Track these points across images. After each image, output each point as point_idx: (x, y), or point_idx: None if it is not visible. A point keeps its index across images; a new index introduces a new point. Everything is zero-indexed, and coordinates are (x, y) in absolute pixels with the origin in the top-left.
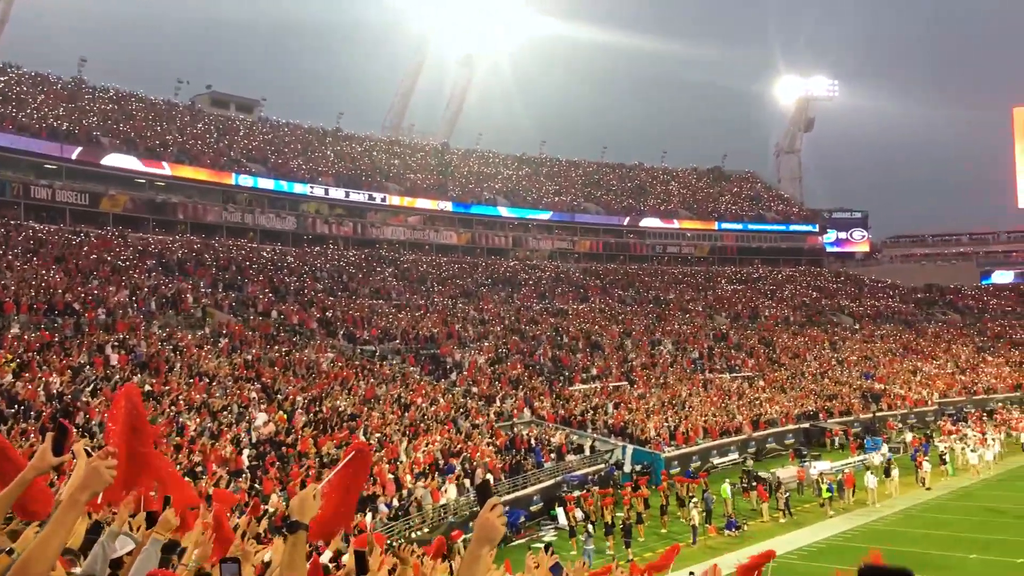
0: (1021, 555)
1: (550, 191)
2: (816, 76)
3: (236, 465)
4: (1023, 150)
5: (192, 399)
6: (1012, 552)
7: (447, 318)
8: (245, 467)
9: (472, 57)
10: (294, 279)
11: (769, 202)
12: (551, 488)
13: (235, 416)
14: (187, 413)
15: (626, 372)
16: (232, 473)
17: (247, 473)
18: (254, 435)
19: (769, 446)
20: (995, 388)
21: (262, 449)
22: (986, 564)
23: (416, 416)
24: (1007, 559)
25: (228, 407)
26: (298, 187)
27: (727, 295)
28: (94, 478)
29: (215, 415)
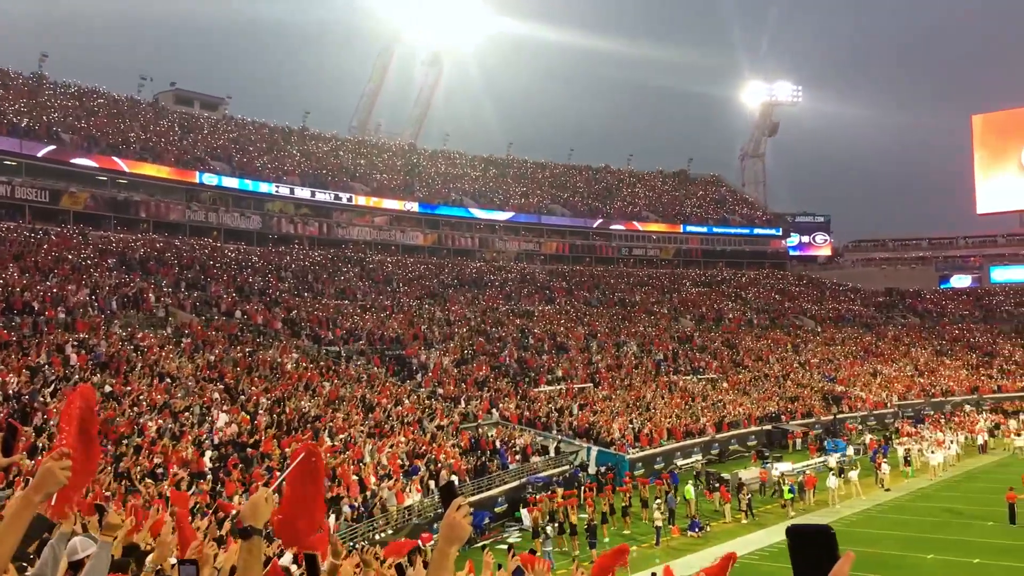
0: (977, 555)
1: (517, 192)
2: (780, 81)
3: (198, 467)
4: (981, 157)
5: (153, 400)
6: (968, 552)
7: (413, 319)
8: (207, 469)
9: (440, 57)
10: (259, 279)
11: (734, 205)
12: (516, 490)
13: (197, 417)
14: (148, 414)
15: (591, 374)
16: (193, 475)
17: (209, 475)
18: (216, 436)
19: (732, 448)
20: (952, 391)
21: (224, 451)
22: (943, 564)
23: (381, 417)
24: (963, 559)
25: (190, 408)
26: (263, 186)
27: (692, 297)
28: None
29: (176, 416)
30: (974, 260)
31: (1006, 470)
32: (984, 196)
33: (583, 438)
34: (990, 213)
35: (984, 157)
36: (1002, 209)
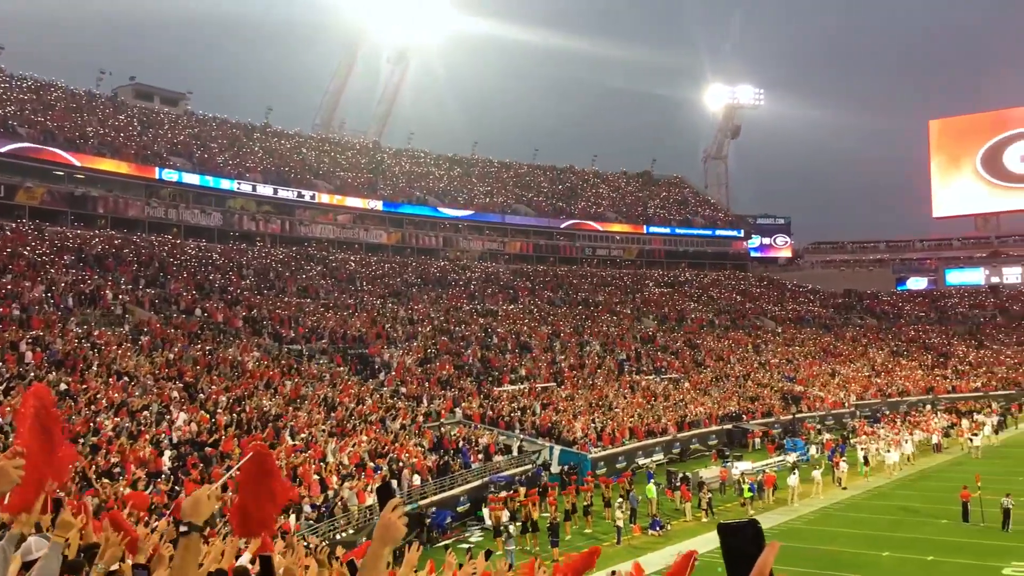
0: (931, 553)
1: (481, 192)
2: (742, 84)
3: (156, 466)
4: (938, 162)
5: (110, 398)
6: (923, 550)
7: (376, 318)
8: (166, 468)
9: (405, 55)
10: (219, 276)
11: (696, 207)
12: (478, 489)
13: (155, 416)
14: (105, 413)
15: (554, 373)
16: (151, 474)
17: (168, 474)
18: (175, 436)
19: (693, 447)
20: (908, 391)
21: (183, 450)
22: (898, 561)
23: (343, 416)
24: (918, 556)
25: (148, 407)
26: (225, 183)
27: (654, 298)
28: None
29: (134, 415)
30: (930, 263)
31: (960, 469)
32: (940, 200)
33: (546, 437)
34: (946, 217)
35: (941, 162)
36: (957, 213)
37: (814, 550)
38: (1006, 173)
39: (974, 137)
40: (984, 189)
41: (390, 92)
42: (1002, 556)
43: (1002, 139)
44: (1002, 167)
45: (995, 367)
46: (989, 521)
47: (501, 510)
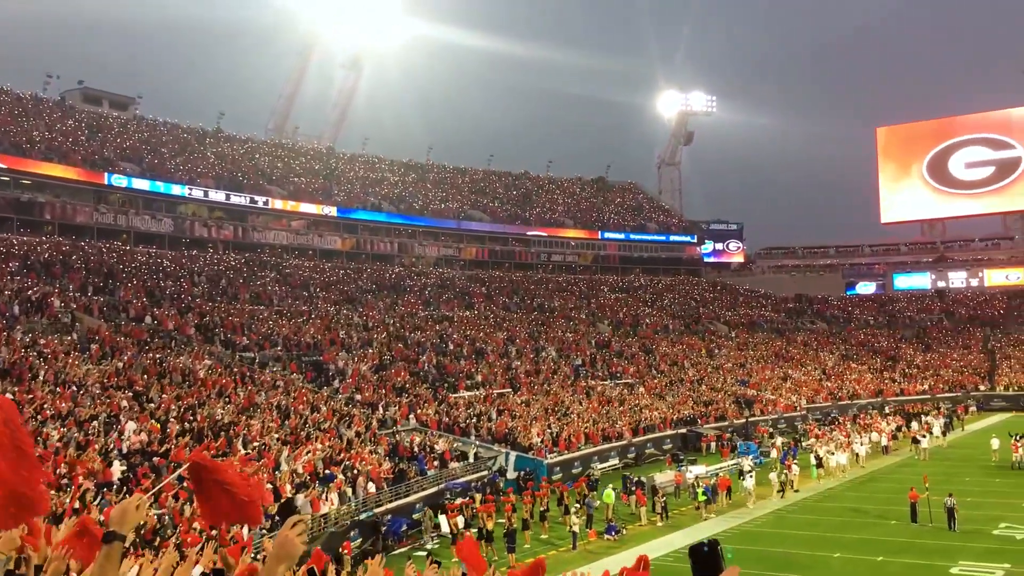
0: (880, 553)
1: (437, 198)
2: (695, 92)
3: (105, 477)
4: (886, 169)
5: (58, 408)
6: (872, 551)
7: (330, 324)
8: (115, 479)
9: (359, 60)
10: (170, 283)
11: (651, 213)
12: (434, 496)
13: (104, 426)
14: (52, 423)
15: (510, 379)
16: (100, 485)
17: (118, 485)
18: (125, 446)
19: (648, 451)
20: (858, 394)
21: (134, 460)
22: (848, 562)
23: (297, 424)
24: (868, 557)
25: (96, 417)
26: (175, 188)
27: (609, 303)
28: None
29: (82, 425)
30: (878, 268)
31: (908, 470)
32: (888, 206)
33: (502, 443)
34: (893, 223)
35: (888, 168)
36: (905, 219)
37: (767, 552)
38: (951, 180)
39: (920, 144)
40: (930, 195)
41: (344, 97)
42: (949, 556)
43: (947, 146)
44: (947, 174)
45: (941, 370)
46: (937, 521)
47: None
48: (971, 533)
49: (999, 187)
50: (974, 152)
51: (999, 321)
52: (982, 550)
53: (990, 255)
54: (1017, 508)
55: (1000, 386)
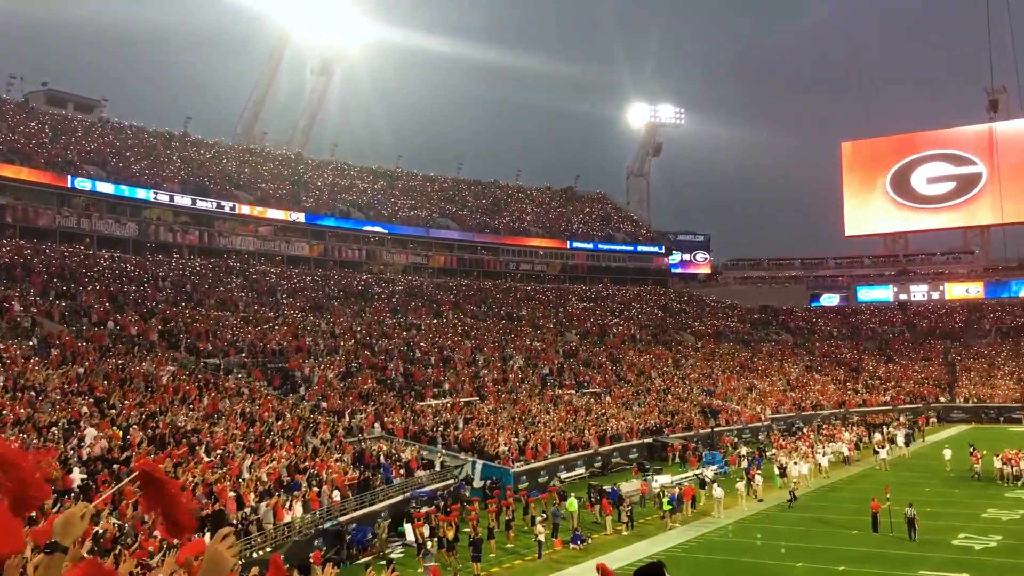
0: (842, 563)
1: (406, 205)
2: (663, 103)
3: (64, 484)
4: (849, 183)
5: (16, 414)
6: (834, 560)
7: (297, 331)
8: (75, 486)
9: (329, 67)
10: (134, 288)
11: (619, 223)
12: (400, 504)
13: (63, 432)
14: (11, 429)
15: (477, 387)
16: (59, 493)
17: (77, 493)
18: (85, 453)
19: (615, 460)
20: (822, 404)
21: (94, 467)
22: (811, 572)
23: (261, 432)
24: (829, 567)
25: (56, 423)
26: (140, 192)
27: (577, 312)
28: None
29: (41, 431)
30: (842, 280)
31: (869, 480)
32: (851, 220)
33: (468, 452)
34: (857, 236)
35: (852, 182)
36: (868, 232)
37: (731, 562)
38: (913, 194)
39: (884, 159)
40: (893, 210)
41: (314, 103)
42: (910, 565)
43: (910, 161)
44: (910, 188)
45: (903, 381)
46: (897, 531)
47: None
48: (931, 543)
49: (960, 202)
50: (936, 167)
51: (959, 334)
52: (942, 560)
53: (951, 269)
54: (976, 519)
55: (960, 398)
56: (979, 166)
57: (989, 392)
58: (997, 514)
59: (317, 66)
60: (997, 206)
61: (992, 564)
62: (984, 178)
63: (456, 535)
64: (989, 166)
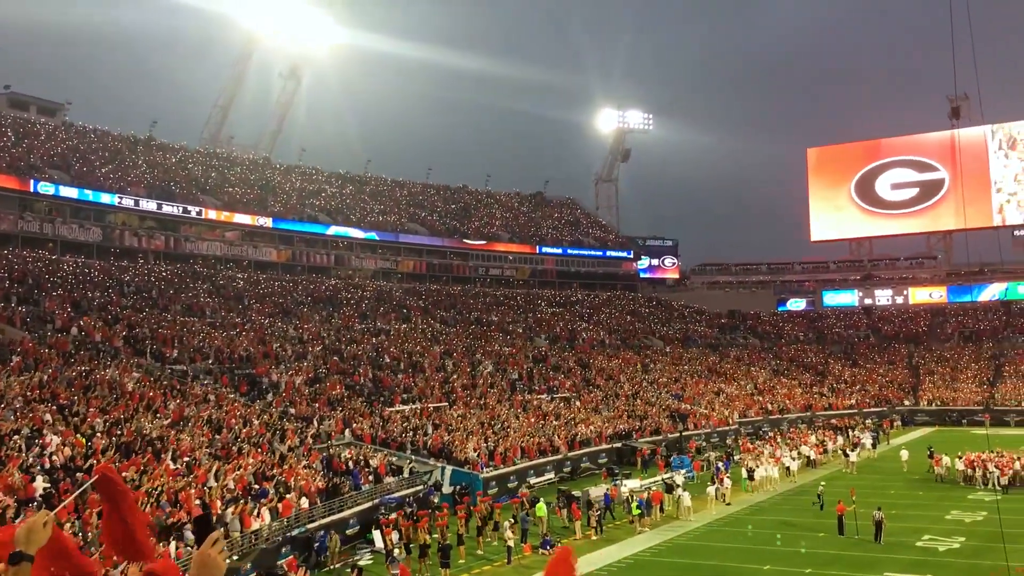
0: (809, 566)
1: (374, 210)
2: (632, 109)
3: (27, 493)
4: (815, 188)
5: None
6: (801, 563)
7: (264, 337)
8: (38, 495)
9: (297, 71)
10: (98, 294)
11: (588, 228)
12: (368, 511)
13: (26, 440)
14: None
15: (447, 393)
16: (21, 502)
17: (40, 501)
18: (48, 461)
19: (584, 465)
20: (789, 408)
21: (57, 476)
22: (778, 574)
23: (228, 439)
24: (797, 570)
25: (18, 431)
26: (105, 197)
27: (546, 318)
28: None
29: (2, 439)
30: (808, 285)
31: (836, 484)
32: (817, 225)
33: (437, 458)
34: (823, 241)
35: (818, 188)
36: (833, 238)
37: (699, 565)
38: (878, 200)
39: (849, 165)
40: (858, 215)
41: (282, 107)
42: (875, 568)
43: (874, 167)
44: (874, 194)
45: (868, 385)
46: (863, 534)
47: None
48: (896, 545)
49: (923, 208)
50: (900, 174)
51: (922, 338)
52: (907, 562)
53: (914, 274)
54: (940, 520)
55: (923, 401)
56: (941, 172)
57: (952, 395)
58: (960, 516)
59: (285, 70)
60: (959, 212)
61: (955, 565)
62: (946, 184)
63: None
64: (951, 172)
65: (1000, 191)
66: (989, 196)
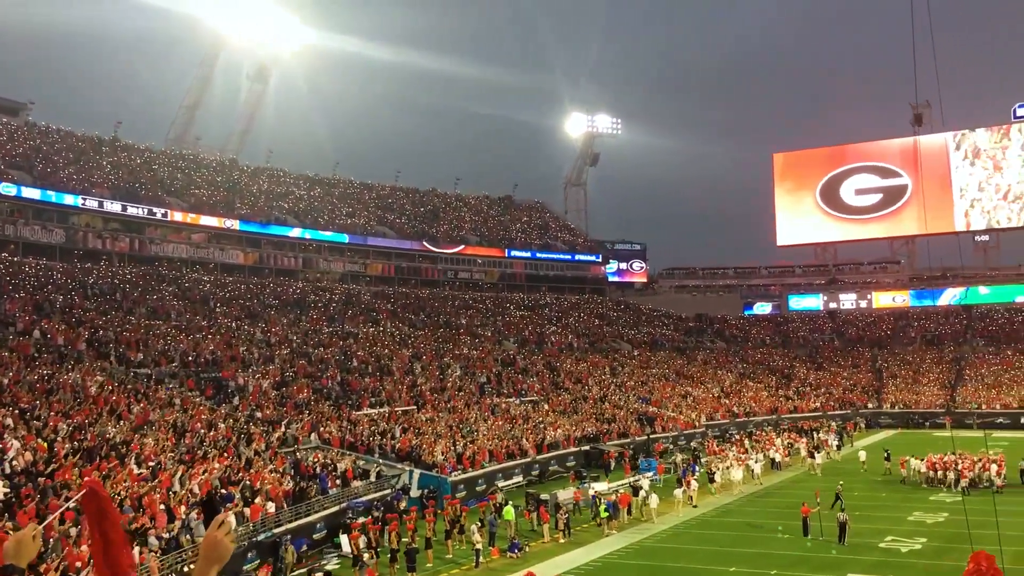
0: (774, 567)
1: (343, 213)
2: (600, 114)
3: None
4: (781, 193)
5: None
6: (766, 565)
7: (231, 340)
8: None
9: (265, 72)
10: (61, 296)
11: (557, 232)
12: (336, 515)
13: None
14: None
15: (415, 396)
16: None
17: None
18: (8, 465)
19: (552, 468)
20: (755, 411)
21: (17, 481)
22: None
23: (194, 443)
24: (762, 571)
25: None
26: (68, 198)
27: (515, 321)
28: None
29: None
30: (774, 289)
31: (800, 486)
32: (783, 229)
33: (405, 461)
34: (788, 245)
35: (784, 193)
36: (799, 242)
37: (665, 567)
38: (842, 205)
39: (814, 170)
40: (823, 220)
41: (249, 109)
42: (839, 568)
43: (839, 173)
44: (839, 199)
45: (832, 388)
46: (827, 535)
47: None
48: (859, 546)
49: (886, 213)
50: (864, 179)
51: (886, 341)
52: (870, 563)
53: (878, 278)
54: (902, 521)
55: (887, 404)
56: (904, 178)
57: (915, 398)
58: (922, 517)
59: (253, 71)
60: (921, 217)
61: (918, 566)
62: (909, 190)
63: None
64: (914, 178)
65: (963, 197)
66: (951, 202)
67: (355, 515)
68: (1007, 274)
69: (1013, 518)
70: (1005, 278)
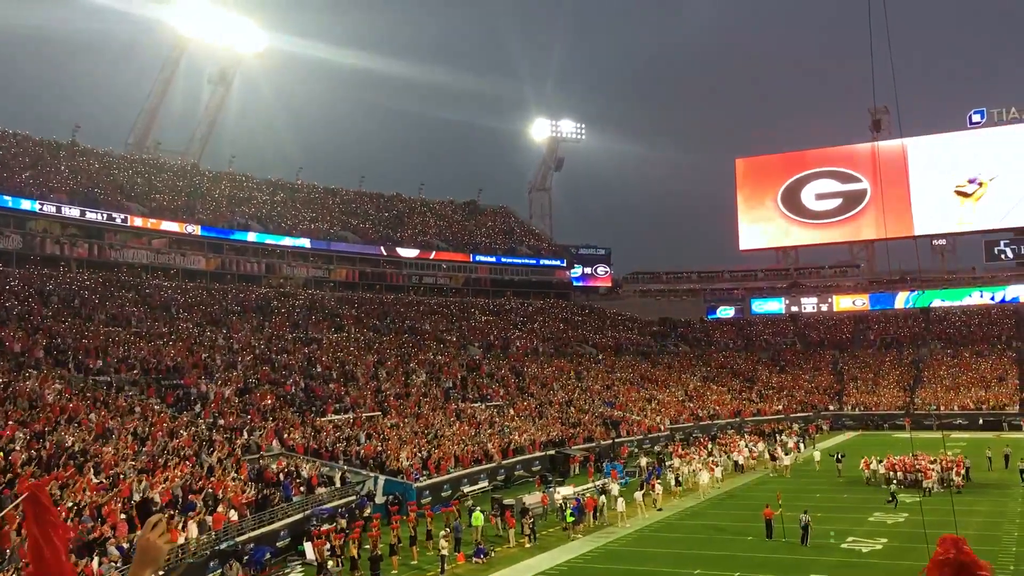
0: (738, 569)
1: (306, 218)
2: (565, 119)
3: None
4: (743, 198)
5: None
6: (731, 567)
7: (193, 347)
8: None
9: (226, 76)
10: (17, 303)
11: (522, 237)
12: (300, 523)
13: None
14: None
15: (380, 402)
16: None
17: None
18: None
19: (518, 473)
20: (719, 414)
21: None
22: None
23: (154, 451)
24: (726, 573)
25: None
26: (25, 203)
27: (480, 326)
28: None
29: None
30: (737, 293)
31: (763, 488)
32: (746, 234)
33: (370, 467)
34: (751, 249)
35: (745, 198)
36: (761, 246)
37: (631, 571)
38: (803, 210)
39: (775, 175)
40: (784, 224)
41: (211, 113)
42: (803, 570)
43: (800, 178)
44: (800, 204)
45: (795, 390)
46: (790, 537)
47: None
48: (822, 548)
49: (846, 218)
50: (824, 184)
51: (847, 344)
52: (832, 563)
53: (838, 282)
54: (863, 522)
55: (848, 406)
56: (863, 183)
57: (875, 400)
58: (883, 518)
59: (214, 75)
60: (880, 222)
61: (879, 566)
62: (868, 195)
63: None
64: (873, 183)
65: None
66: (909, 206)
67: (319, 522)
68: (962, 277)
69: (971, 517)
70: (960, 281)
